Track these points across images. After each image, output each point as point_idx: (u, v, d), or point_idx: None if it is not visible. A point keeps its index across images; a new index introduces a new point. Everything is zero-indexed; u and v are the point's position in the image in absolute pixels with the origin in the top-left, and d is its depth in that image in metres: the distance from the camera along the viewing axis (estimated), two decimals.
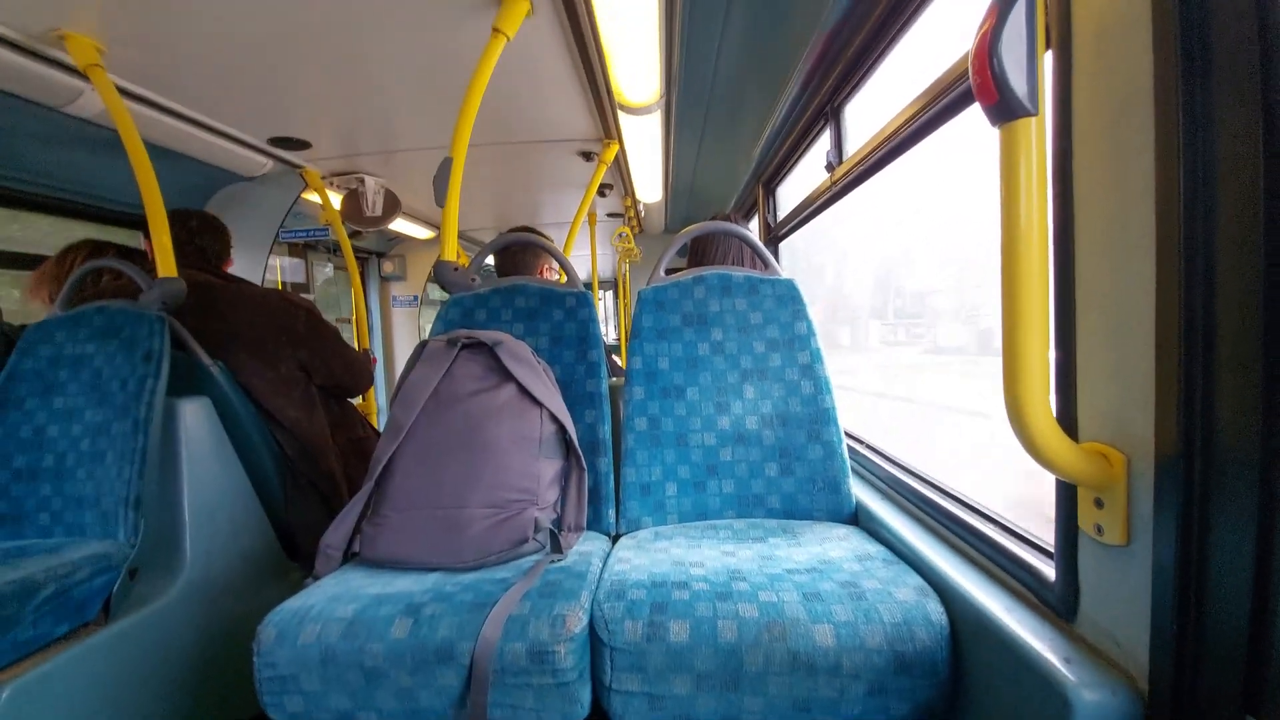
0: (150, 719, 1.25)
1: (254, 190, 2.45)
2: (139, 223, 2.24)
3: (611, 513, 1.30)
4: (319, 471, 1.69)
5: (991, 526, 0.92)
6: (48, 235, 2.16)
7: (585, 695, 0.88)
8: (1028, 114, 0.56)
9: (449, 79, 1.70)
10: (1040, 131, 0.58)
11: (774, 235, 2.79)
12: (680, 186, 3.41)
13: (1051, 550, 0.76)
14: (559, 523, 1.20)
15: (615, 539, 1.26)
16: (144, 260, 1.78)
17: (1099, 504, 0.65)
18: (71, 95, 1.52)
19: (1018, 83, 0.56)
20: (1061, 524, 0.72)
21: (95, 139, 1.77)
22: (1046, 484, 0.72)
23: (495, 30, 1.28)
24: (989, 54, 0.56)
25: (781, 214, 2.74)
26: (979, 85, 0.58)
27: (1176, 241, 0.54)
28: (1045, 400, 0.59)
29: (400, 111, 1.97)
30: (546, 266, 2.05)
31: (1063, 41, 0.66)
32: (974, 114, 1.08)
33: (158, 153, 1.84)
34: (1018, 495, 1.04)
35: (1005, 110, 0.57)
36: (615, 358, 3.33)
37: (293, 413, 1.64)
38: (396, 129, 2.15)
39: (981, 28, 0.57)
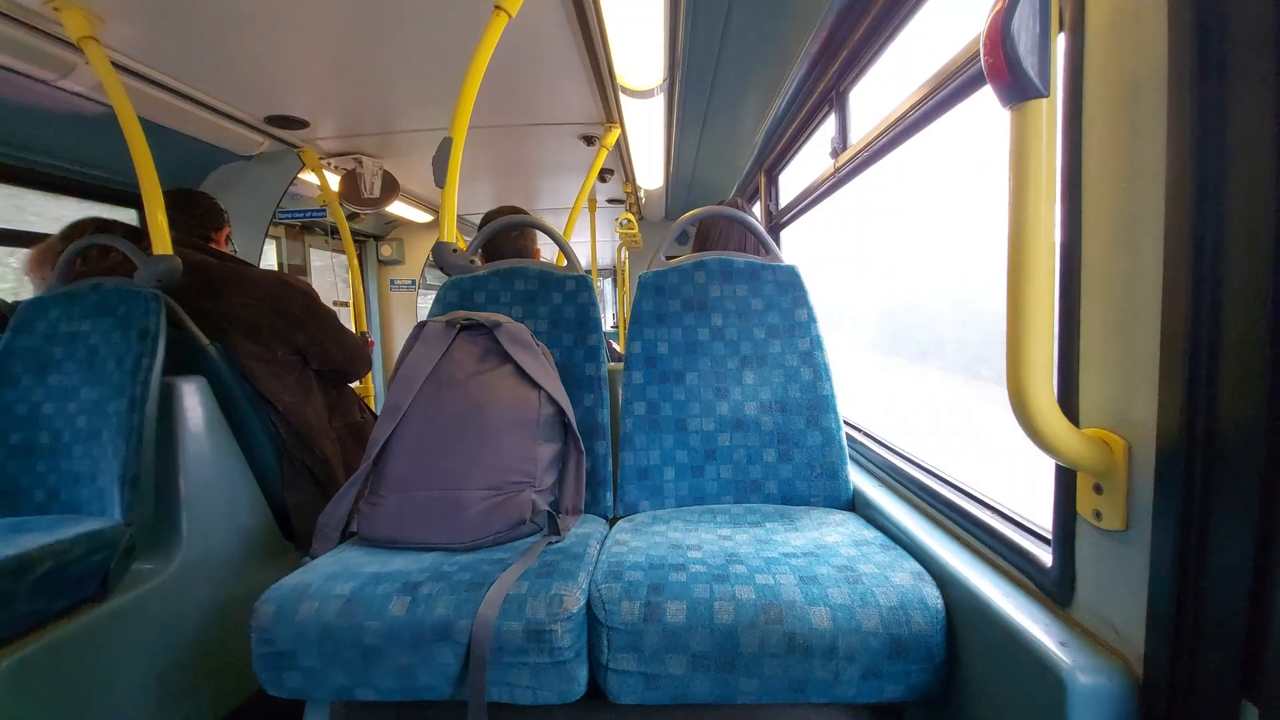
0: (149, 694, 1.26)
1: (250, 170, 2.43)
2: (136, 200, 2.22)
3: (609, 496, 1.30)
4: (313, 457, 1.68)
5: (989, 513, 0.92)
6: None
7: (582, 674, 0.88)
8: (1039, 95, 0.56)
9: (450, 58, 1.67)
10: (1051, 114, 0.57)
11: (776, 223, 2.78)
12: (681, 173, 3.38)
13: (1048, 537, 0.77)
14: (556, 505, 1.20)
15: (612, 522, 1.26)
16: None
17: (1098, 490, 0.65)
18: (66, 68, 1.50)
19: (1030, 63, 0.55)
20: (1060, 510, 0.72)
21: (93, 114, 1.74)
22: None
23: (497, 7, 1.26)
24: (1002, 34, 0.55)
25: (784, 201, 2.72)
26: (991, 65, 0.57)
27: (1185, 228, 0.54)
28: (1048, 385, 0.59)
29: (400, 91, 1.95)
30: (538, 251, 2.03)
31: (1076, 24, 0.66)
32: (977, 101, 1.07)
33: (153, 129, 1.81)
34: None
35: (1017, 91, 0.56)
36: (614, 344, 3.33)
37: (287, 397, 1.63)
38: (395, 110, 2.12)
39: (995, 7, 0.56)
